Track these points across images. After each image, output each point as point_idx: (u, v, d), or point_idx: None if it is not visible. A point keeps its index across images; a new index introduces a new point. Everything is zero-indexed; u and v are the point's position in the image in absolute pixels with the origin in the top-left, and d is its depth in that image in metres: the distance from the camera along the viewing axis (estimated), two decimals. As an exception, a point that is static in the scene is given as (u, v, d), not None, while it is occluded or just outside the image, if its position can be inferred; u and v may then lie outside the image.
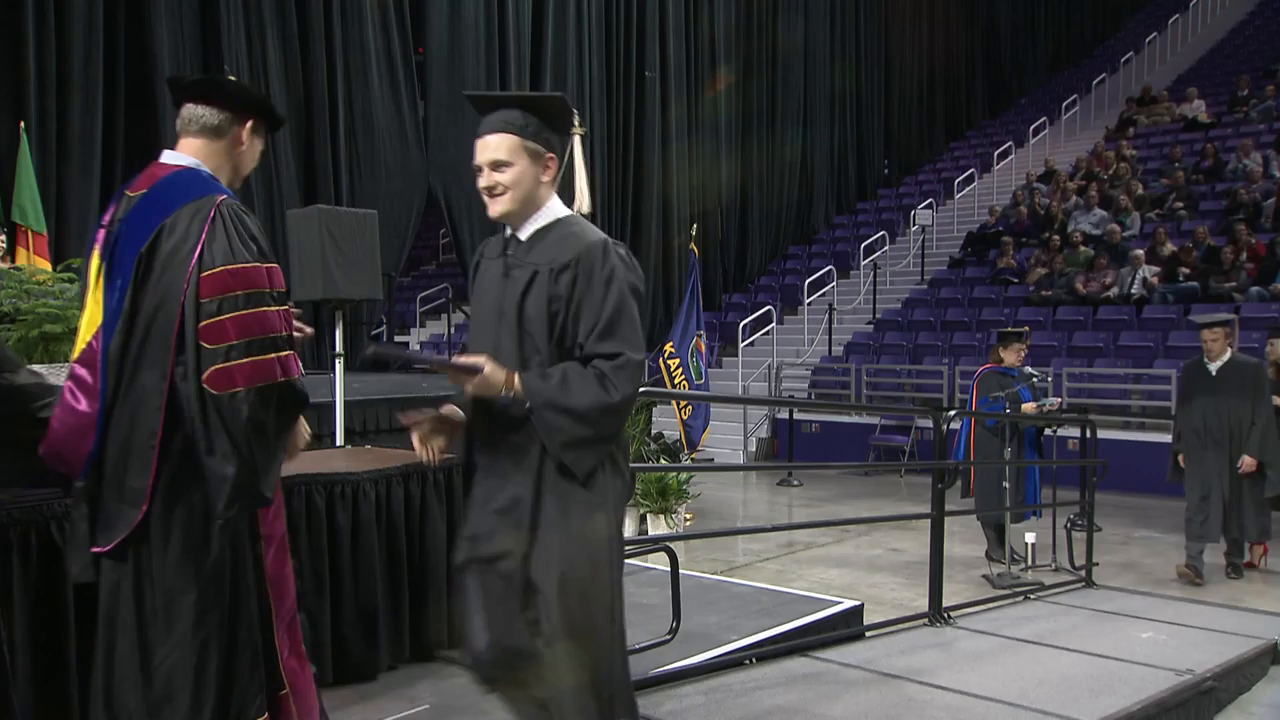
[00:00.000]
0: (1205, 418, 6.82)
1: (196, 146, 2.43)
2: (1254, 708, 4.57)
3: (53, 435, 2.33)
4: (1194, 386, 6.97)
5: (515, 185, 2.42)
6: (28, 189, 7.17)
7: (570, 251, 2.41)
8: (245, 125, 2.46)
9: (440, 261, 21.52)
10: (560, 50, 13.04)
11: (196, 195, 2.30)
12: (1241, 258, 12.73)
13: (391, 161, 11.04)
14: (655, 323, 14.64)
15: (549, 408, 2.36)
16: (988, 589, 6.41)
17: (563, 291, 2.39)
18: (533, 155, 2.43)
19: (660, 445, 9.81)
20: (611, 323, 2.36)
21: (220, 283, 2.23)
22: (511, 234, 2.53)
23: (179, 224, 2.27)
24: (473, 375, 2.42)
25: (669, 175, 14.96)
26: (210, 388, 2.20)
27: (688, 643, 4.14)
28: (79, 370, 2.31)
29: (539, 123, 2.44)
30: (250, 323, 2.23)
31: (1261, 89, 18.32)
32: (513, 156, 2.41)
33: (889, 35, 20.41)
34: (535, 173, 2.44)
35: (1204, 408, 6.83)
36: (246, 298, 2.24)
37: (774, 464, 12.99)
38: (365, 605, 3.80)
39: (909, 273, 16.92)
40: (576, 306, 2.38)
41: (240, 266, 2.25)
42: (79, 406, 2.28)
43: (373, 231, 6.20)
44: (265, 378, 2.23)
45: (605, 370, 2.37)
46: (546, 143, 2.45)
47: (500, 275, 2.50)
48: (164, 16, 9.16)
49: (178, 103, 2.49)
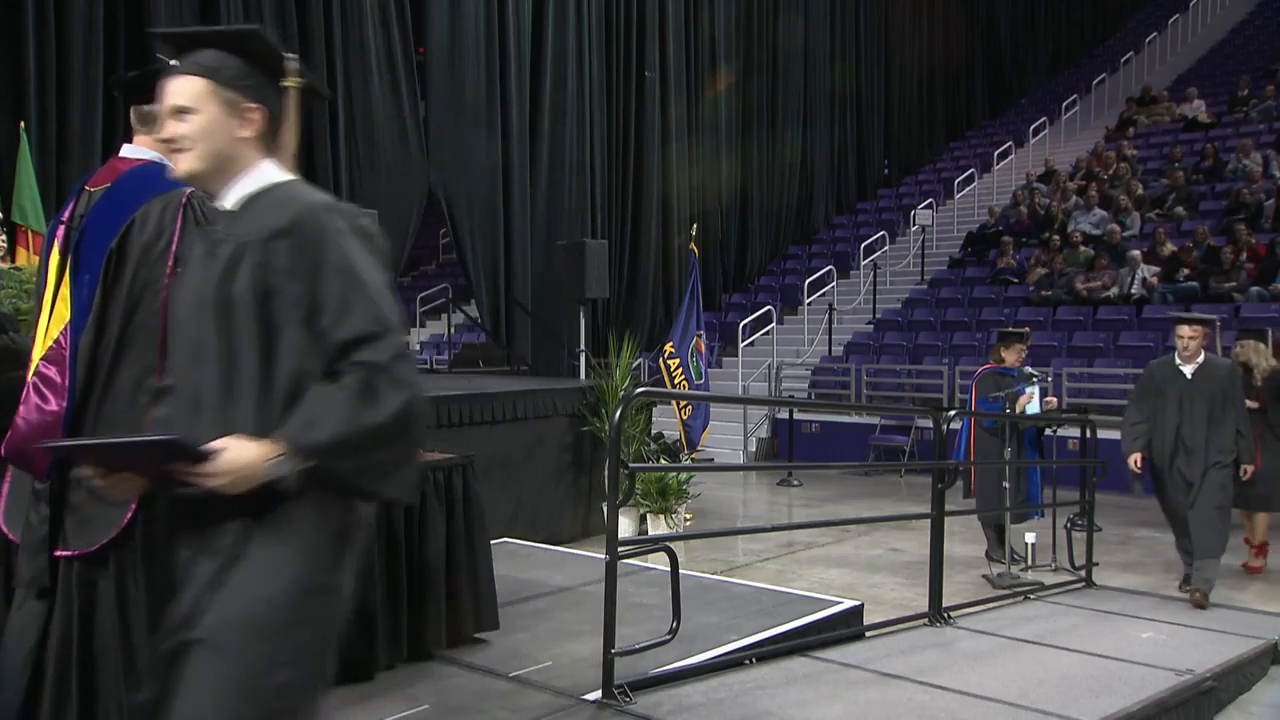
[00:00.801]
0: (1180, 425, 6.22)
1: (152, 141, 2.38)
2: (1254, 708, 4.57)
3: (17, 434, 2.27)
4: (1163, 389, 6.36)
5: (202, 138, 1.96)
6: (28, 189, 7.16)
7: (284, 216, 1.93)
8: None
9: (440, 261, 21.52)
10: (560, 50, 13.04)
11: (163, 189, 2.27)
12: (1241, 258, 12.73)
13: (391, 161, 11.03)
14: (655, 323, 14.64)
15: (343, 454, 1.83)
16: (988, 589, 6.41)
17: (280, 264, 1.89)
18: (227, 104, 1.98)
19: (660, 445, 9.80)
20: (348, 296, 1.86)
21: None
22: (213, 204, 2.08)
23: (149, 218, 2.24)
24: (199, 465, 1.78)
25: (669, 175, 14.95)
26: None
27: (688, 643, 4.14)
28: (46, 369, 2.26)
29: (239, 66, 2.00)
30: None
31: (1261, 89, 18.32)
32: (198, 103, 1.96)
33: (889, 35, 20.41)
34: (230, 125, 1.98)
35: (1176, 414, 6.24)
36: None
37: (774, 464, 12.98)
38: (364, 605, 3.79)
39: (909, 273, 16.92)
40: (300, 284, 1.87)
41: None
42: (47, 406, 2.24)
43: (373, 231, 6.20)
44: None
45: (365, 376, 1.82)
46: (248, 90, 2.00)
47: (202, 255, 2.00)
48: (164, 16, 9.14)
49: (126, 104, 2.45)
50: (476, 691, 3.74)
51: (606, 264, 9.98)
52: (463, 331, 17.11)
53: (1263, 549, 7.29)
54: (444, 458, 4.30)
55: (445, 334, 16.37)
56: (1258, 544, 7.26)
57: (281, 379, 1.87)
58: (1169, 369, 6.39)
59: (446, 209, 11.83)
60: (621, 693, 3.62)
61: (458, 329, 16.98)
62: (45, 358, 2.28)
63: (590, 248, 9.62)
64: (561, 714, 3.54)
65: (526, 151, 12.51)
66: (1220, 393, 6.22)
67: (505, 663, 4.04)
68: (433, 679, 3.87)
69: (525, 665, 4.01)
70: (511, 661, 4.05)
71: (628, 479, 3.79)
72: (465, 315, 15.14)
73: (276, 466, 1.78)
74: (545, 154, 12.77)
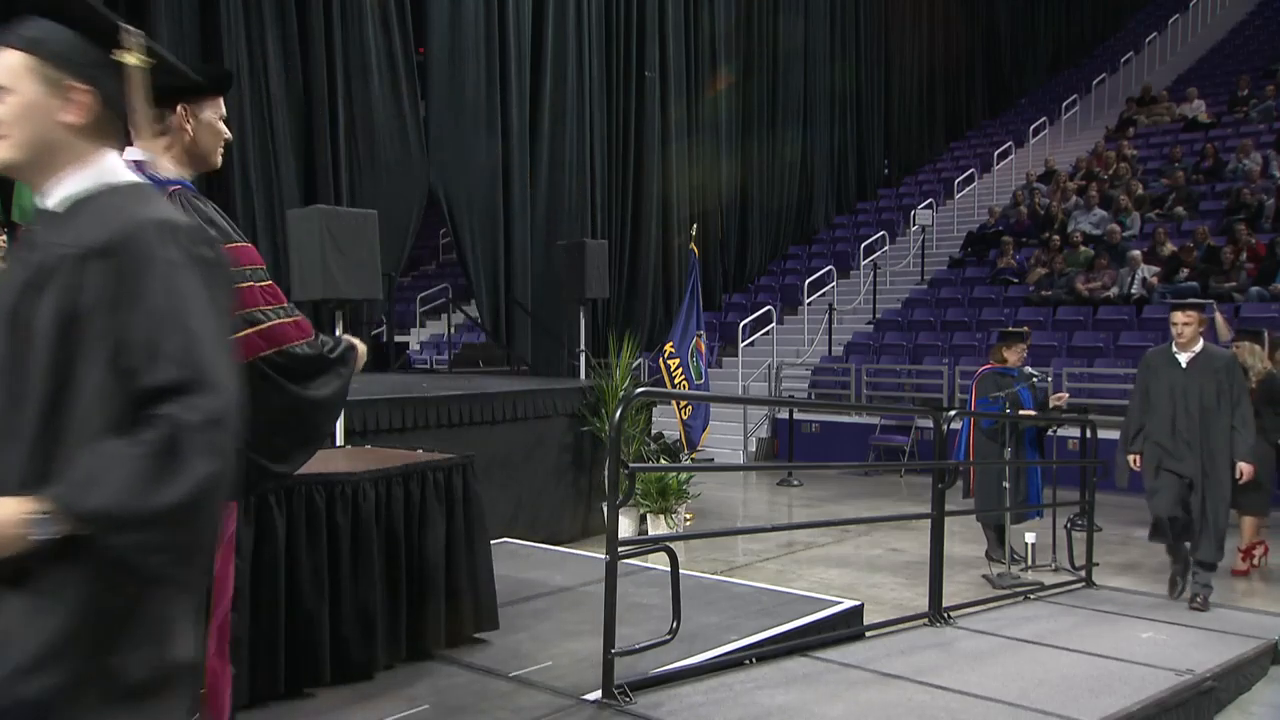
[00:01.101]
0: (1175, 418, 5.88)
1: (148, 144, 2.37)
2: (1254, 708, 4.57)
3: None
4: (1159, 380, 6.00)
5: (16, 122, 1.64)
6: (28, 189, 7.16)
7: (106, 232, 1.57)
8: (176, 112, 2.40)
9: (440, 261, 21.53)
10: (560, 50, 13.04)
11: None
12: (1241, 258, 12.74)
13: (391, 161, 11.03)
14: (655, 323, 14.65)
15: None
16: (988, 589, 6.41)
17: (91, 290, 1.54)
18: (48, 83, 1.64)
19: (660, 445, 9.80)
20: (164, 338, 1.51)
21: None
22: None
23: None
24: None
25: (669, 175, 14.95)
26: None
27: (688, 643, 4.14)
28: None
29: (69, 40, 1.66)
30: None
31: (1261, 89, 18.32)
32: (14, 81, 1.63)
33: (889, 35, 20.41)
34: (50, 107, 1.65)
35: (1172, 406, 5.89)
36: None
37: (774, 464, 12.99)
38: (363, 605, 3.80)
39: (909, 273, 16.93)
40: (111, 317, 1.53)
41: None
42: None
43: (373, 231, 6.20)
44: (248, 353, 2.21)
45: (167, 435, 1.47)
46: (75, 69, 1.66)
47: (14, 261, 1.69)
48: (164, 16, 9.15)
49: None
50: (476, 691, 3.74)
51: (606, 264, 9.98)
52: (463, 331, 17.11)
53: (1249, 552, 7.19)
54: (444, 458, 4.30)
55: (445, 334, 16.37)
56: (1244, 547, 7.16)
57: (74, 423, 1.52)
58: (1163, 357, 6.06)
59: (446, 209, 11.83)
60: (621, 693, 3.63)
61: (458, 329, 16.98)
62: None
63: (590, 248, 9.62)
64: (561, 714, 3.54)
65: (526, 151, 12.51)
66: (1217, 385, 5.83)
67: (505, 663, 4.04)
68: (432, 679, 3.87)
69: (525, 665, 4.01)
70: (511, 661, 4.06)
71: (628, 479, 3.79)
72: (465, 315, 15.14)
73: (36, 526, 1.43)
74: (545, 154, 12.77)
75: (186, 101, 2.41)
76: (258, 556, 3.50)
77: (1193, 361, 5.90)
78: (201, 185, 9.62)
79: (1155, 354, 6.17)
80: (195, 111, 2.42)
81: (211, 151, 2.49)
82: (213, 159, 2.50)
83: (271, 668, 3.53)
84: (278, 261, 9.64)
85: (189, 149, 2.44)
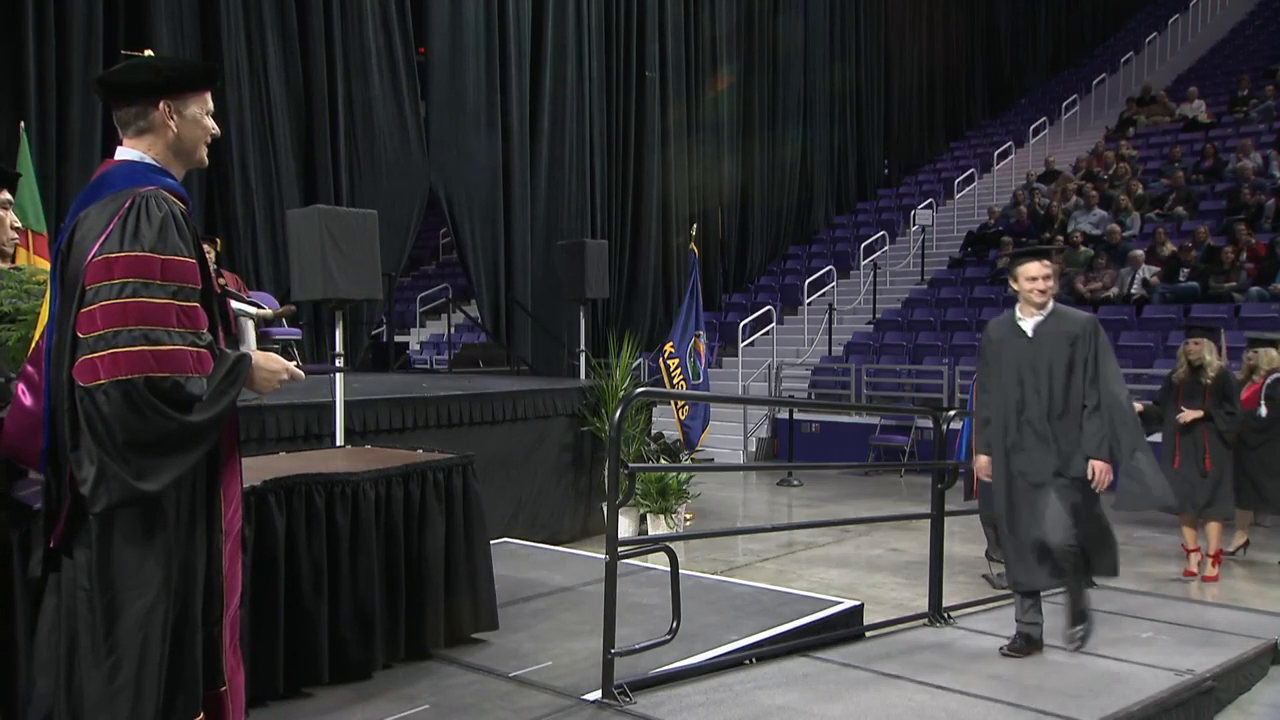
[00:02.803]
0: (1021, 404, 4.51)
1: (134, 143, 2.41)
2: (1254, 708, 4.57)
3: (6, 433, 2.33)
4: (1000, 356, 4.62)
5: None
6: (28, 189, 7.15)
7: None
8: (159, 107, 2.38)
9: (440, 261, 21.54)
10: (560, 50, 13.04)
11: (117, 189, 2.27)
12: (1241, 258, 12.73)
13: (391, 161, 11.03)
14: (655, 323, 14.65)
15: None
16: (988, 589, 6.41)
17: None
18: None
19: (660, 445, 9.80)
20: None
21: (100, 270, 2.17)
22: None
23: (89, 219, 2.24)
24: None
25: (669, 175, 14.96)
26: (76, 379, 2.14)
27: (688, 643, 4.15)
28: (29, 368, 2.32)
29: None
30: (121, 312, 2.14)
31: (1261, 89, 18.32)
32: None
33: (889, 35, 20.41)
34: None
35: (1017, 388, 4.53)
36: (122, 286, 2.16)
37: (774, 464, 12.98)
38: (363, 605, 3.80)
39: (909, 273, 16.93)
40: None
41: (123, 255, 2.17)
42: (25, 403, 2.29)
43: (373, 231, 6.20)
44: (130, 369, 2.13)
45: None
46: None
47: None
48: (164, 16, 9.15)
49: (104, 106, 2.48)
50: (476, 691, 3.74)
51: (606, 264, 9.97)
52: (463, 331, 17.11)
53: (1217, 558, 7.02)
54: (444, 458, 4.30)
55: (445, 334, 16.37)
56: (1212, 553, 6.99)
57: None
58: (1006, 327, 4.65)
59: (447, 209, 11.83)
60: (621, 693, 3.63)
61: (458, 329, 16.98)
62: (30, 358, 2.34)
63: (590, 248, 9.62)
64: (561, 714, 3.54)
65: (526, 151, 12.51)
66: (1070, 356, 4.43)
67: (505, 663, 4.04)
68: (432, 679, 3.87)
69: (525, 665, 4.01)
70: (511, 661, 4.05)
71: (628, 479, 3.79)
72: (465, 315, 15.14)
73: None
74: (545, 154, 12.77)
75: (170, 97, 2.39)
76: (257, 556, 3.50)
77: (1040, 329, 4.47)
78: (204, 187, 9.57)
79: (997, 324, 4.71)
80: (179, 108, 2.40)
81: (196, 147, 2.46)
82: (198, 155, 2.48)
83: (270, 667, 3.53)
84: (278, 261, 9.65)
85: (173, 145, 2.42)
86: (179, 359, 2.17)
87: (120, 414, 2.11)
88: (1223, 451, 6.91)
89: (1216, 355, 7.05)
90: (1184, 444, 6.97)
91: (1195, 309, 12.35)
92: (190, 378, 2.19)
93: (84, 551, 2.22)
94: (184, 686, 2.28)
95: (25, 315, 3.69)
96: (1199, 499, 6.88)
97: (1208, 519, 6.94)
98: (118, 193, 2.26)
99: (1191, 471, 6.89)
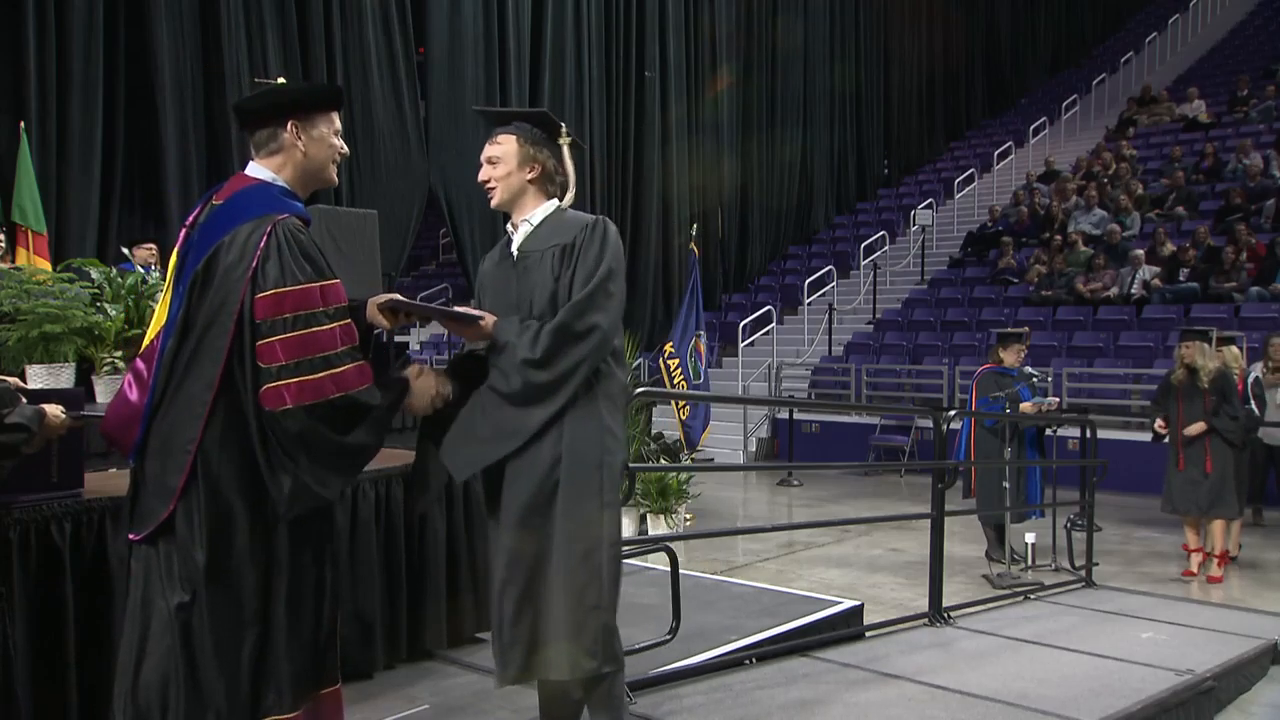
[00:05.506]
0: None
1: (267, 163, 2.50)
2: (1254, 708, 4.57)
3: (106, 420, 2.48)
4: (486, 289, 2.97)
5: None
6: (28, 189, 7.16)
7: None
8: (287, 128, 2.47)
9: (440, 261, 21.53)
10: (560, 50, 13.04)
11: (257, 214, 2.38)
12: (1241, 258, 12.74)
13: (391, 161, 11.04)
14: (655, 323, 14.65)
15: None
16: (988, 589, 6.41)
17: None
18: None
19: (660, 445, 9.80)
20: None
21: (271, 305, 2.32)
22: None
23: (236, 242, 2.36)
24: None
25: (669, 175, 14.96)
26: (264, 404, 2.31)
27: (688, 643, 4.14)
28: (139, 364, 2.45)
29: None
30: (300, 344, 2.33)
31: (1261, 89, 18.32)
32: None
33: (889, 35, 20.40)
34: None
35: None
36: (295, 319, 2.33)
37: (774, 464, 12.98)
38: (363, 605, 3.79)
39: (909, 273, 16.93)
40: None
41: (290, 289, 2.34)
42: (130, 396, 2.42)
43: (373, 231, 6.21)
44: (315, 395, 2.32)
45: None
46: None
47: None
48: (164, 16, 9.15)
49: (240, 128, 2.60)
50: (476, 691, 3.74)
51: (606, 264, 9.97)
52: (462, 331, 17.07)
53: (1223, 559, 7.01)
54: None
55: (445, 334, 16.36)
56: (1218, 554, 6.97)
57: None
58: (498, 251, 3.04)
59: (446, 209, 11.84)
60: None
61: (458, 329, 16.95)
62: (142, 354, 2.46)
63: (590, 248, 9.61)
64: (561, 714, 3.53)
65: (526, 151, 12.50)
66: (555, 281, 2.80)
67: (505, 663, 4.03)
68: (432, 678, 3.87)
69: (525, 665, 4.00)
70: (511, 661, 4.04)
71: (628, 479, 3.78)
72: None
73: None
74: (545, 154, 12.76)
75: (298, 118, 2.48)
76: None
77: (530, 241, 2.90)
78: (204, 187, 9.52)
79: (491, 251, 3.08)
80: (306, 128, 2.49)
81: (325, 166, 2.56)
82: (326, 174, 2.58)
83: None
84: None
85: (302, 165, 2.51)
86: (349, 377, 2.38)
87: (307, 433, 2.33)
88: (1225, 452, 6.89)
89: (1210, 357, 7.00)
90: (1186, 447, 6.95)
91: (1195, 309, 12.35)
92: (361, 390, 2.40)
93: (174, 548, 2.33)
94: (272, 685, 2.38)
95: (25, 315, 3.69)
96: (1202, 501, 6.86)
97: (1211, 519, 6.94)
98: (260, 219, 2.37)
99: (1194, 473, 6.89)
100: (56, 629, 2.78)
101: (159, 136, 9.16)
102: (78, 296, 3.83)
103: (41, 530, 2.78)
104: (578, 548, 2.62)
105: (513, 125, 2.87)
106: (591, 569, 2.64)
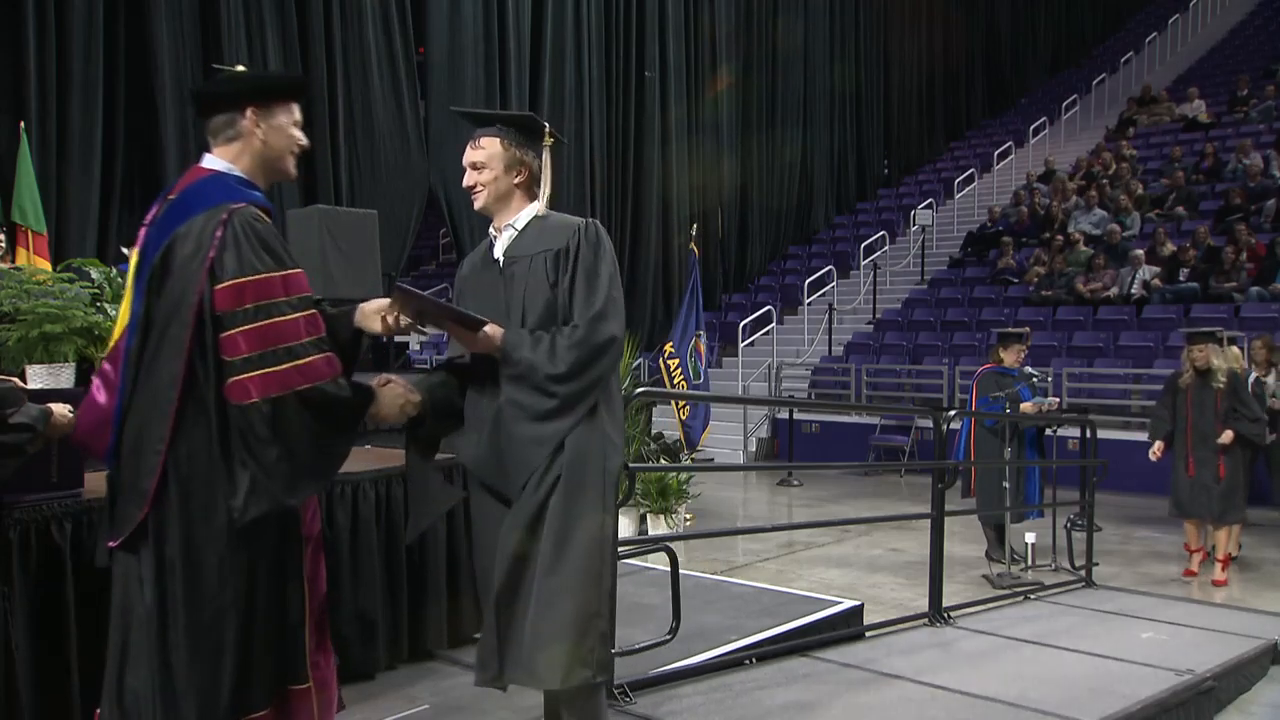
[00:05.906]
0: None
1: (223, 152, 2.44)
2: (1254, 708, 4.57)
3: (78, 426, 2.44)
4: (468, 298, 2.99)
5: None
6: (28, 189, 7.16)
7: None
8: (245, 115, 2.41)
9: (440, 261, 21.52)
10: (560, 50, 13.04)
11: (212, 204, 2.32)
12: (1241, 258, 12.74)
13: (391, 161, 11.04)
14: (655, 323, 14.65)
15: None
16: (988, 589, 6.41)
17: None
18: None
19: (660, 445, 9.80)
20: None
21: (231, 296, 2.26)
22: None
23: (191, 233, 2.30)
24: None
25: (669, 175, 14.95)
26: (230, 398, 2.25)
27: (688, 643, 4.14)
28: (106, 366, 2.40)
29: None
30: (261, 335, 2.26)
31: (1261, 89, 18.32)
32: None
33: (889, 35, 20.40)
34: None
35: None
36: (256, 310, 2.26)
37: (774, 464, 12.98)
38: (364, 605, 3.80)
39: (909, 273, 16.93)
40: None
41: (250, 279, 2.27)
42: (99, 399, 2.37)
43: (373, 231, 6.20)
44: (281, 387, 2.25)
45: None
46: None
47: None
48: (164, 16, 9.15)
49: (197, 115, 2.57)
50: (476, 691, 3.73)
51: (606, 264, 9.97)
52: (462, 331, 17.07)
53: (1226, 562, 6.99)
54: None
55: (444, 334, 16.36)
56: (1221, 557, 6.95)
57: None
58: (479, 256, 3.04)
59: (446, 209, 11.83)
60: (622, 693, 3.62)
61: (457, 329, 16.96)
62: (108, 356, 2.41)
63: (590, 248, 9.61)
64: (561, 714, 3.53)
65: (526, 151, 12.50)
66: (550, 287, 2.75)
67: (505, 663, 4.02)
68: (433, 679, 3.87)
69: (525, 665, 4.00)
70: (512, 661, 4.04)
71: (628, 479, 3.78)
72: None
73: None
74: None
75: (257, 105, 2.42)
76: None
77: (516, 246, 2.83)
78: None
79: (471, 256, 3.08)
80: (265, 116, 2.43)
81: (282, 157, 2.49)
82: (284, 165, 2.51)
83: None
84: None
85: (260, 154, 2.45)
86: (317, 368, 2.31)
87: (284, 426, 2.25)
88: (1238, 457, 6.83)
89: (1224, 358, 6.95)
90: (1198, 451, 6.86)
91: (1195, 309, 12.35)
92: (328, 382, 2.33)
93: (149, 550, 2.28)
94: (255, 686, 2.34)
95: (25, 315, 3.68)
96: (1215, 507, 6.81)
97: (1221, 525, 6.89)
98: (215, 208, 2.31)
99: (1206, 477, 6.82)
100: (57, 629, 2.78)
101: (159, 136, 9.17)
102: (78, 296, 3.82)
103: (41, 530, 2.79)
104: (576, 553, 2.60)
105: (496, 127, 2.79)
106: (590, 575, 2.62)
